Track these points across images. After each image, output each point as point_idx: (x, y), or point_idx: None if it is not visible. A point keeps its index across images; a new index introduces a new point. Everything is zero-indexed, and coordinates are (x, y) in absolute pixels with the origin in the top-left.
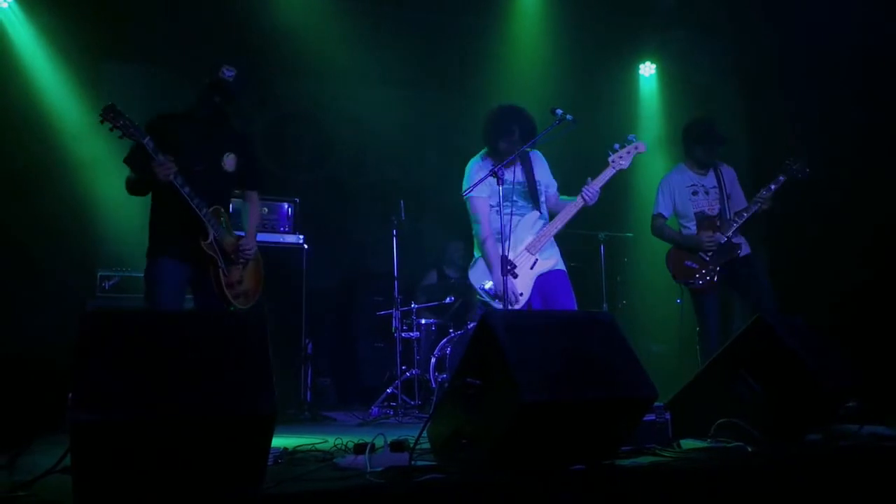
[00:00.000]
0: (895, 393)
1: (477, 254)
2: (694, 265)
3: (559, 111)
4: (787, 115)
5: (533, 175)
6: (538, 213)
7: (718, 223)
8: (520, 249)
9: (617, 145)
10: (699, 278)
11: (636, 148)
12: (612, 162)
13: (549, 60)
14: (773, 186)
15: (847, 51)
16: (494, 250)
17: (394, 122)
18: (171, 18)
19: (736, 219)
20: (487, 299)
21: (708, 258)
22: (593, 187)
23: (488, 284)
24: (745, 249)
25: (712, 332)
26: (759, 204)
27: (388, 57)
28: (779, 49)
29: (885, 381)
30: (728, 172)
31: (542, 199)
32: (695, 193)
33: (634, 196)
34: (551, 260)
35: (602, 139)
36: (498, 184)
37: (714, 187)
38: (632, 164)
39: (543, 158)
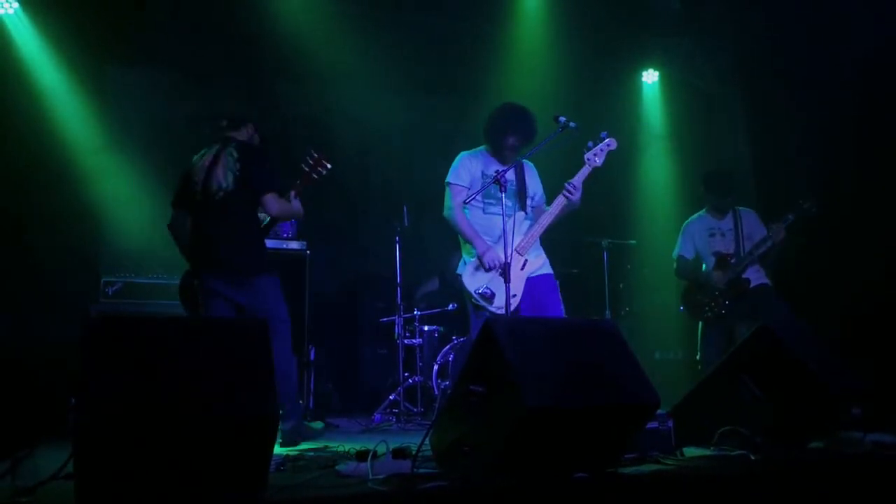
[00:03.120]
0: None
1: (467, 257)
2: (704, 299)
3: (562, 118)
4: (789, 122)
5: (524, 179)
6: (524, 214)
7: (733, 261)
8: (509, 251)
9: (591, 143)
10: (707, 311)
11: (608, 145)
12: (588, 160)
13: (552, 66)
14: (783, 224)
15: (847, 54)
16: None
17: (397, 126)
18: (176, 22)
19: (749, 256)
20: (483, 303)
21: (717, 293)
22: (574, 184)
23: (483, 287)
24: (757, 280)
25: (712, 361)
26: (770, 242)
27: (392, 61)
28: (781, 56)
29: (890, 388)
30: (747, 215)
31: (529, 201)
32: (712, 236)
33: (637, 203)
34: (539, 260)
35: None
36: (501, 190)
37: (730, 230)
38: (605, 161)
39: (535, 169)
